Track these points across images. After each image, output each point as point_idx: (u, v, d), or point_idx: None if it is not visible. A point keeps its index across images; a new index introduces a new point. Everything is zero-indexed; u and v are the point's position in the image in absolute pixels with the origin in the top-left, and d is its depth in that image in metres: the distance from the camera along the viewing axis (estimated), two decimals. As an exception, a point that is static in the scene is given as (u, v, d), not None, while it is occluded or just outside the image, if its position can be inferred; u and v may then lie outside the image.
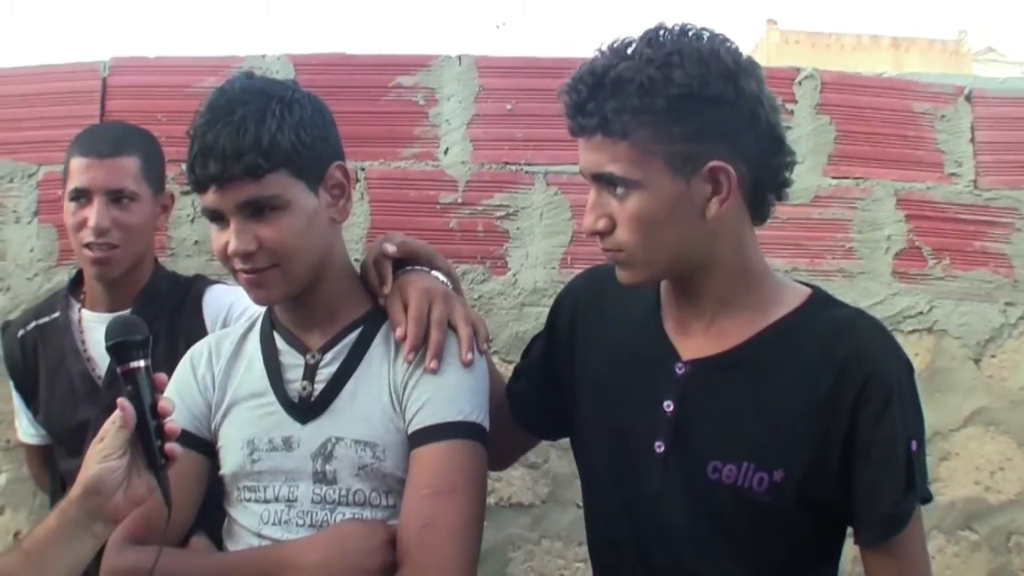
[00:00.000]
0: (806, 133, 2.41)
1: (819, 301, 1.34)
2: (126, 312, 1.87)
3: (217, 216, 1.39)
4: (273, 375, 1.47)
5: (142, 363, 1.27)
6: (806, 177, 2.37)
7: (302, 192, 1.38)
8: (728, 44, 1.25)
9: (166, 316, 1.95)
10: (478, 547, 1.38)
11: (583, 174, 1.28)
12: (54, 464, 2.10)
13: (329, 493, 1.41)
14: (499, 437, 1.48)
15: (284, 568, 1.33)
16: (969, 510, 2.41)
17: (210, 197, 1.37)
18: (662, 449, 1.32)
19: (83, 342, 1.98)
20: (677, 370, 1.33)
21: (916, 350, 2.38)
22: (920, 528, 1.30)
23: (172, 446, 1.25)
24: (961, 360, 2.42)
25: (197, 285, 2.02)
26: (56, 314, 2.02)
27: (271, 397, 1.45)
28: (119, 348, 1.28)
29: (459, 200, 2.40)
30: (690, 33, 1.24)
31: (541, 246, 2.39)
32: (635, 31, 1.25)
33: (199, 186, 1.37)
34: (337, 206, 1.44)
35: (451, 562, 1.32)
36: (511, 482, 2.35)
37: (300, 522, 1.41)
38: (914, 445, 1.25)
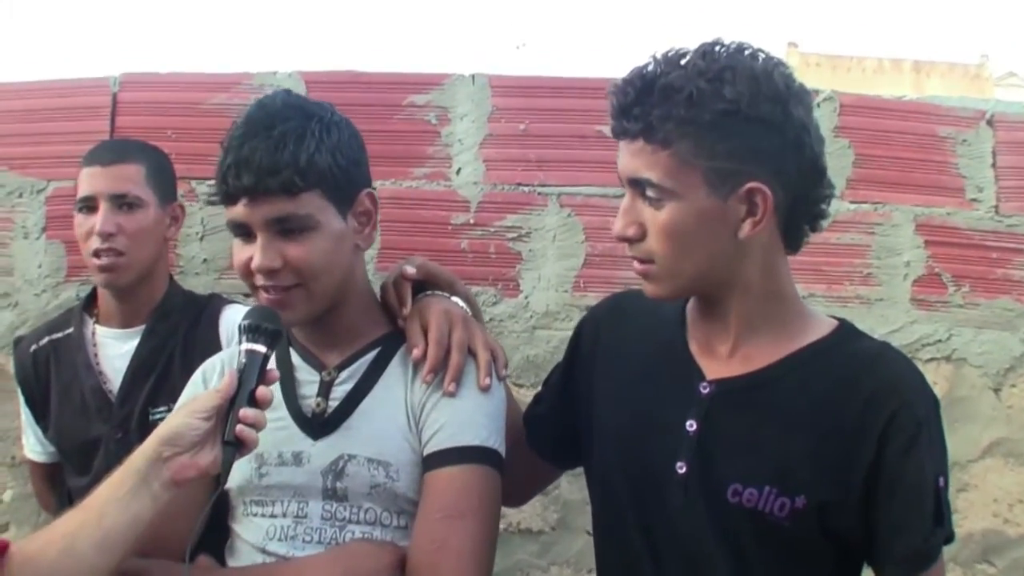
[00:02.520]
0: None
1: (847, 332, 1.32)
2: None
3: (244, 230, 1.37)
4: (287, 390, 1.45)
5: (264, 350, 1.28)
6: (824, 202, 2.34)
7: (332, 215, 1.37)
8: (782, 68, 1.23)
9: (182, 333, 1.95)
10: (489, 572, 1.36)
11: (620, 177, 1.27)
12: (60, 482, 2.09)
13: (340, 511, 1.39)
14: (516, 470, 1.46)
15: None
16: (987, 543, 2.37)
17: (239, 210, 1.35)
18: (684, 470, 1.29)
19: (96, 357, 1.98)
20: (701, 389, 1.31)
21: (934, 379, 2.34)
22: (943, 566, 1.27)
23: (250, 434, 1.23)
24: (980, 389, 2.38)
25: (214, 303, 2.03)
26: (70, 330, 2.02)
27: (283, 412, 1.43)
28: (251, 328, 1.28)
29: (471, 221, 2.38)
30: (746, 51, 1.23)
31: (554, 268, 2.36)
32: (661, 51, 1.24)
33: (229, 198, 1.35)
34: (363, 233, 1.43)
35: None
36: (521, 509, 2.31)
37: (308, 539, 1.38)
38: (941, 481, 1.23)
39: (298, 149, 1.32)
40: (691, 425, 1.30)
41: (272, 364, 1.33)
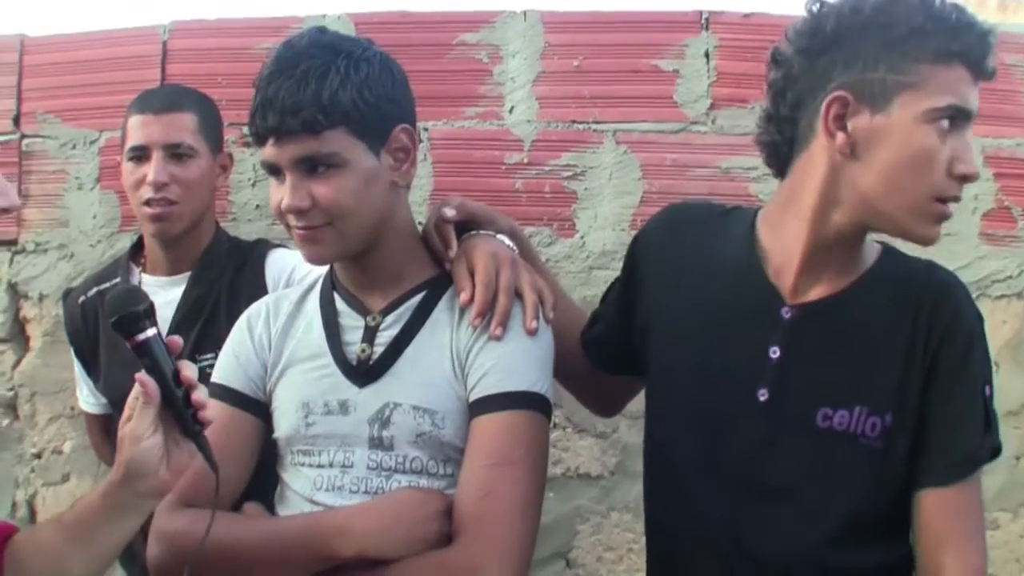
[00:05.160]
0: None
1: (892, 252, 1.35)
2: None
3: (274, 170, 1.35)
4: (332, 337, 1.43)
5: (151, 332, 1.20)
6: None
7: (362, 152, 1.34)
8: None
9: (227, 279, 1.94)
10: (537, 521, 1.33)
11: (963, 110, 1.24)
12: (115, 434, 2.09)
13: (385, 460, 1.37)
14: (594, 386, 1.51)
15: (337, 534, 1.28)
16: (1058, 487, 2.29)
17: (268, 150, 1.33)
18: (765, 397, 1.28)
19: None
20: (784, 314, 1.29)
21: (1004, 317, 2.26)
22: (980, 479, 1.28)
23: (204, 413, 1.20)
24: (1053, 328, 2.29)
25: (259, 248, 2.01)
26: (117, 279, 2.01)
27: (328, 359, 1.41)
28: (123, 323, 1.20)
29: (525, 160, 2.33)
30: None
31: (610, 207, 2.31)
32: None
33: (259, 139, 1.34)
34: (400, 170, 1.39)
35: (509, 535, 1.28)
36: (579, 452, 2.29)
37: (354, 488, 1.37)
38: (988, 390, 1.27)
39: (320, 86, 1.29)
40: (774, 352, 1.29)
41: (306, 322, 1.35)
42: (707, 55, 2.29)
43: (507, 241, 1.50)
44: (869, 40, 1.22)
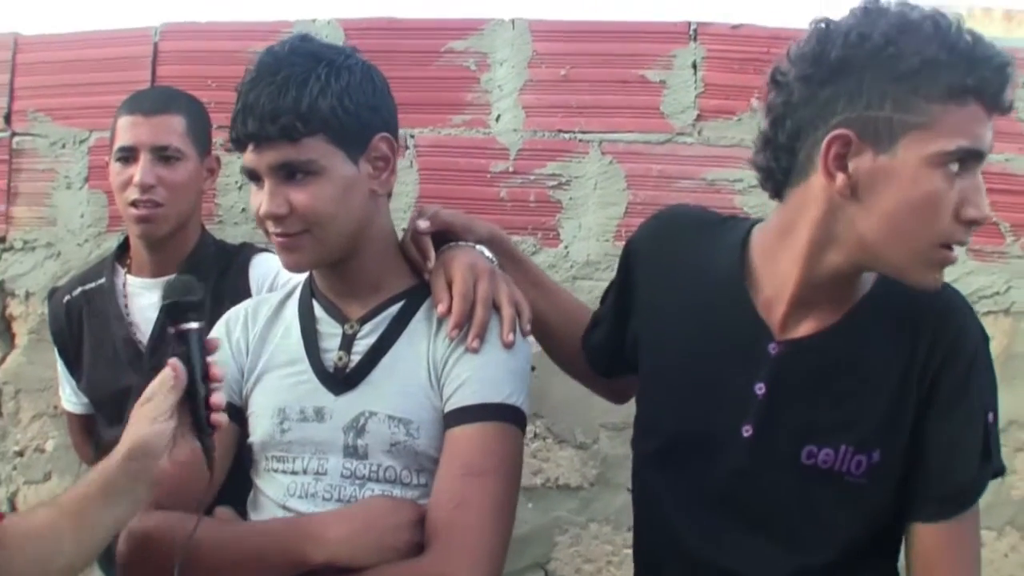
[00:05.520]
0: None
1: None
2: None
3: (254, 176, 1.37)
4: (309, 343, 1.43)
5: (195, 324, 1.24)
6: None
7: (340, 160, 1.35)
8: None
9: (211, 283, 1.94)
10: (509, 532, 1.34)
11: (986, 154, 1.17)
12: (97, 434, 2.10)
13: (360, 468, 1.37)
14: (603, 382, 1.53)
15: (308, 539, 1.29)
16: (1048, 506, 2.27)
17: (248, 156, 1.35)
18: (750, 433, 1.26)
19: (127, 308, 1.98)
20: (771, 350, 1.26)
21: (992, 332, 2.18)
22: (978, 508, 1.24)
23: (218, 416, 1.23)
24: (1040, 344, 2.28)
25: (244, 252, 2.02)
26: (102, 280, 2.02)
27: (305, 366, 1.42)
28: (174, 308, 1.25)
29: (510, 169, 2.33)
30: None
31: (595, 217, 2.31)
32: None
33: (238, 144, 1.36)
34: (379, 178, 1.40)
35: (480, 544, 1.29)
36: (559, 463, 2.29)
37: (327, 496, 1.38)
38: (991, 416, 1.22)
39: (300, 94, 1.30)
40: (759, 388, 1.26)
41: (284, 327, 1.35)
42: (695, 66, 2.29)
43: (486, 252, 1.51)
44: (876, 73, 1.13)
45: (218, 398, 1.23)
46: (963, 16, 1.17)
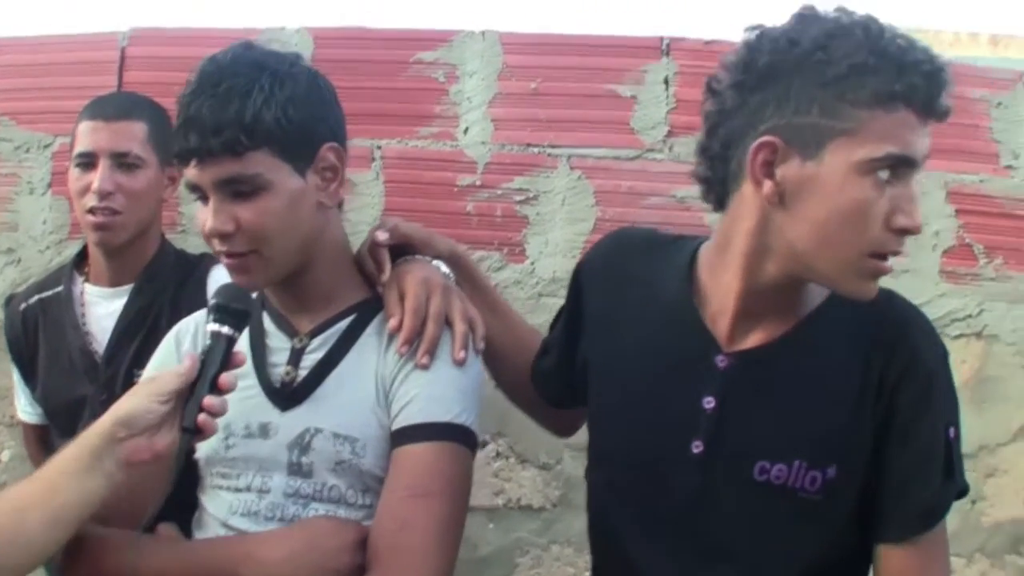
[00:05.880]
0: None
1: None
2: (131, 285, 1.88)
3: (199, 192, 1.33)
4: (257, 357, 1.41)
5: (229, 331, 1.24)
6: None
7: (287, 174, 1.31)
8: None
9: (170, 292, 1.91)
10: (454, 555, 1.31)
11: (916, 159, 1.14)
12: (51, 445, 2.06)
13: (304, 487, 1.35)
14: (550, 411, 1.50)
15: (247, 560, 1.26)
16: (1017, 532, 2.23)
17: (191, 171, 1.31)
18: (700, 449, 1.23)
19: (84, 316, 1.94)
20: (719, 363, 1.23)
21: (963, 356, 2.22)
22: (945, 528, 1.22)
23: (209, 423, 1.21)
24: (1013, 368, 2.24)
25: (204, 262, 1.98)
26: (59, 288, 1.99)
27: (252, 380, 1.39)
28: (217, 309, 1.25)
29: (477, 183, 2.29)
30: None
31: (562, 233, 2.27)
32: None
33: (181, 159, 1.32)
34: (328, 190, 1.37)
35: (423, 568, 1.25)
36: (521, 483, 2.25)
37: (270, 515, 1.35)
38: (952, 432, 1.19)
39: (243, 106, 1.26)
40: (708, 402, 1.23)
41: (241, 346, 1.29)
42: (666, 81, 2.26)
43: (443, 267, 1.48)
44: (804, 78, 1.12)
45: (216, 404, 1.20)
46: (951, 37, 1.15)
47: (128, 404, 1.19)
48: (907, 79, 1.10)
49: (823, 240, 1.13)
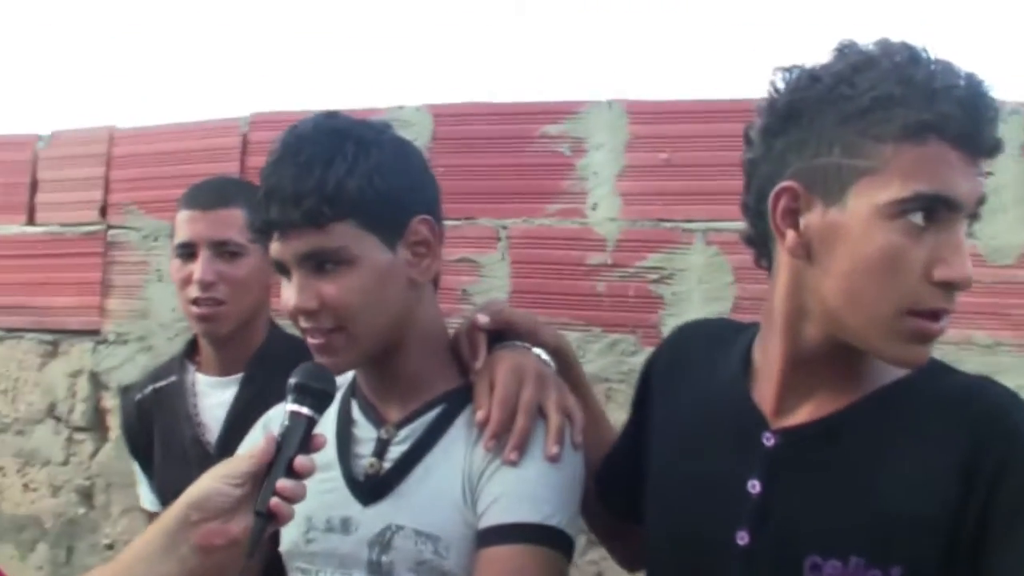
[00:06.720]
0: (1009, 180, 2.05)
1: (934, 366, 1.09)
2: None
3: (282, 268, 1.26)
4: (343, 448, 1.34)
5: (308, 412, 1.18)
6: (1010, 232, 2.03)
7: (374, 247, 1.24)
8: None
9: (280, 380, 1.86)
10: None
11: (963, 202, 1.01)
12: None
13: None
14: (618, 530, 1.36)
15: None
16: None
17: (274, 246, 1.25)
18: (745, 541, 1.09)
19: (196, 407, 1.93)
20: (765, 441, 1.10)
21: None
22: None
23: (284, 508, 1.14)
24: None
25: None
26: (172, 378, 1.98)
27: (336, 472, 1.32)
28: (298, 388, 1.19)
29: (608, 261, 2.20)
30: None
31: (699, 313, 2.15)
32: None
33: (263, 234, 1.26)
34: (420, 266, 1.29)
35: None
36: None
37: None
38: None
39: (325, 174, 1.20)
40: (753, 486, 1.10)
41: (321, 428, 1.22)
42: (806, 147, 2.13)
43: (543, 355, 1.37)
44: (825, 116, 1.01)
45: (290, 488, 1.13)
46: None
47: (201, 486, 1.16)
48: (938, 107, 0.96)
49: (852, 296, 1.01)
